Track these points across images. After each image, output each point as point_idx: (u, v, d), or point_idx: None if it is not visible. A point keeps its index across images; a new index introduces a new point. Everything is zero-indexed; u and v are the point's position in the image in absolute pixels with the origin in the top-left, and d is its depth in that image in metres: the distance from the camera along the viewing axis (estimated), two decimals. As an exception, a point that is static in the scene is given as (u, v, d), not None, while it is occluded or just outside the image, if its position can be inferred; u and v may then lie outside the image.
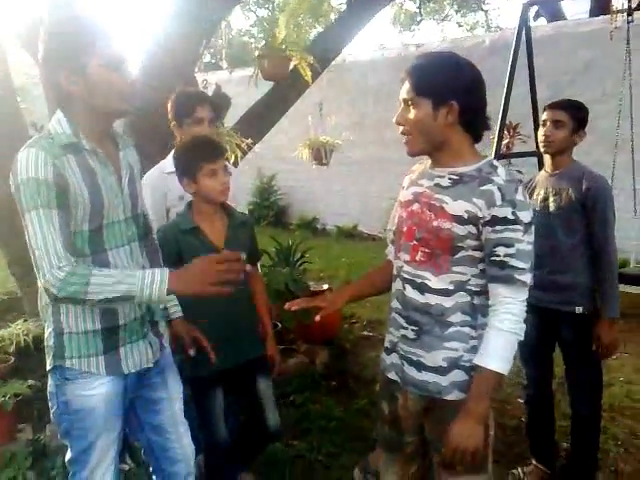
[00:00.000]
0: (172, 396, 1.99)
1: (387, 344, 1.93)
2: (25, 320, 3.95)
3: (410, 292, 1.79)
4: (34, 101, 5.20)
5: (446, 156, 1.74)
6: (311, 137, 5.03)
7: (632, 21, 4.73)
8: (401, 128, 1.74)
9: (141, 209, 1.91)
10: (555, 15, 10.09)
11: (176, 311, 2.14)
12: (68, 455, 1.86)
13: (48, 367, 1.80)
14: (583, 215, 2.59)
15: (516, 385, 3.39)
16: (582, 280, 2.64)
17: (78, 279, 1.55)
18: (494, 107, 3.83)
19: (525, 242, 1.63)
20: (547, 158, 2.75)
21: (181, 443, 2.02)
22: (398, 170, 3.29)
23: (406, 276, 1.80)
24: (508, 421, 3.46)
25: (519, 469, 2.96)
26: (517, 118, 5.36)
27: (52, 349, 1.77)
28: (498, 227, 1.62)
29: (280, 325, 4.05)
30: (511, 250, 1.62)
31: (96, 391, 1.76)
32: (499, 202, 1.62)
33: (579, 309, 2.63)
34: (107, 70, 1.62)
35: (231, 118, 4.07)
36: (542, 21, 10.80)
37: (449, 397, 1.75)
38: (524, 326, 1.68)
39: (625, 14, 4.85)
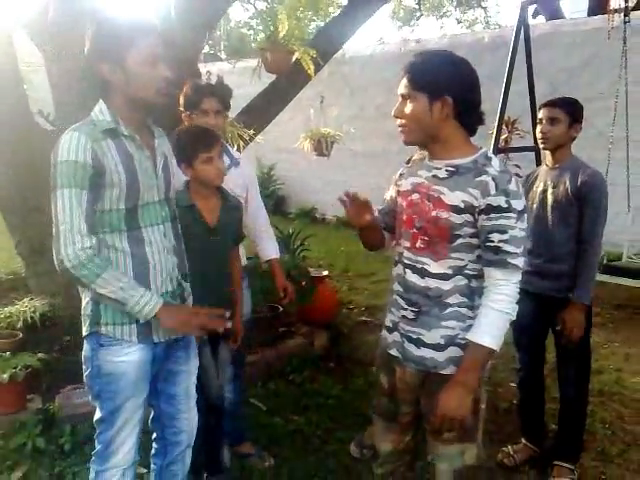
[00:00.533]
0: (190, 370, 2.13)
1: (389, 323, 2.03)
2: (31, 298, 4.04)
3: (410, 276, 1.89)
4: (36, 89, 5.27)
5: (442, 148, 1.84)
6: (312, 129, 5.10)
7: (629, 21, 4.84)
8: (398, 121, 1.85)
9: (172, 193, 2.05)
10: (554, 13, 10.17)
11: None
12: (97, 415, 1.96)
13: (84, 333, 1.90)
14: (578, 208, 2.70)
15: (509, 370, 3.53)
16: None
17: (93, 267, 1.71)
18: (493, 102, 3.95)
19: (518, 229, 1.73)
20: (547, 153, 2.87)
21: (189, 415, 2.15)
22: (397, 161, 3.39)
23: (407, 261, 1.91)
24: (501, 403, 3.58)
25: (509, 447, 3.08)
26: (515, 113, 5.45)
27: (89, 317, 1.88)
28: (492, 215, 1.72)
29: (281, 308, 4.14)
30: (505, 236, 1.72)
31: (127, 358, 1.87)
32: (493, 192, 1.71)
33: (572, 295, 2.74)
34: (143, 64, 1.77)
35: (232, 109, 4.14)
36: (541, 19, 10.90)
37: (445, 371, 1.85)
38: (516, 307, 1.78)
39: (622, 14, 4.96)
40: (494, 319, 1.76)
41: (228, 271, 2.58)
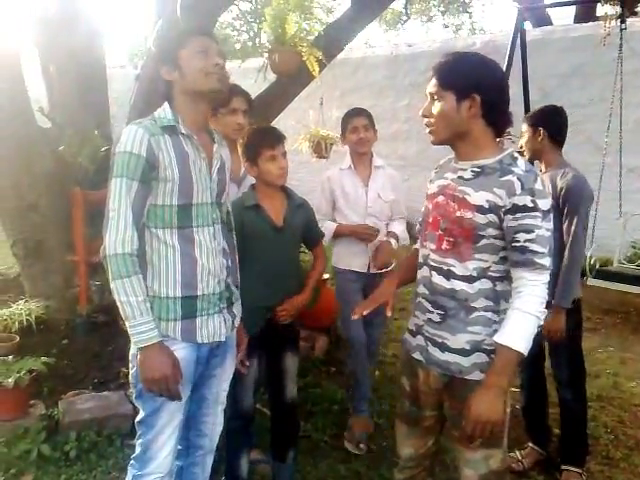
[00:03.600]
0: (223, 376, 2.12)
1: (412, 327, 2.02)
2: (26, 300, 3.96)
3: (436, 278, 1.89)
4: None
5: (468, 148, 1.84)
6: (312, 130, 5.07)
7: (625, 28, 4.90)
8: (426, 120, 1.86)
9: (226, 199, 2.09)
10: (541, 20, 10.27)
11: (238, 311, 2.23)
12: (138, 417, 1.95)
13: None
14: (559, 212, 2.74)
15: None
16: None
17: (123, 267, 1.75)
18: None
19: (544, 228, 1.73)
20: (536, 163, 2.93)
21: (215, 420, 2.14)
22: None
23: (433, 264, 1.90)
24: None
25: (517, 452, 3.09)
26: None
27: None
28: (518, 215, 1.71)
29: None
30: (531, 236, 1.71)
31: None
32: (519, 191, 1.71)
33: None
34: (194, 57, 1.86)
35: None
36: (527, 26, 10.97)
37: (470, 377, 1.84)
38: (545, 310, 1.78)
39: (618, 20, 5.02)
40: (524, 322, 1.75)
41: (297, 272, 2.61)
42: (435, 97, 1.82)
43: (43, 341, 3.81)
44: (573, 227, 2.71)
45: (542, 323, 1.80)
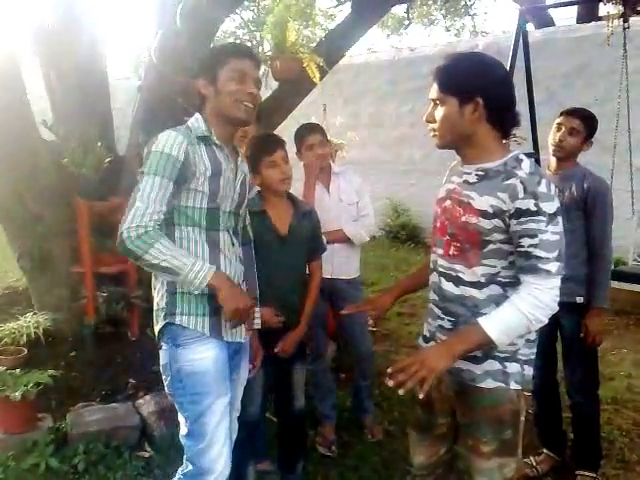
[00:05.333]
0: (239, 381, 2.12)
1: (425, 333, 2.00)
2: (34, 313, 3.95)
3: (445, 285, 1.86)
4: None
5: (473, 151, 1.81)
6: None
7: (628, 27, 4.87)
8: (430, 125, 1.82)
9: (244, 212, 2.17)
10: (543, 21, 10.25)
11: (256, 323, 2.23)
12: (183, 430, 1.93)
13: (158, 328, 1.93)
14: (583, 211, 2.73)
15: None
16: (581, 272, 2.75)
17: (148, 238, 1.76)
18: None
19: (549, 232, 1.66)
20: (553, 160, 2.88)
21: (230, 426, 2.06)
22: (390, 170, 3.40)
23: (441, 269, 1.88)
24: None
25: (531, 458, 3.04)
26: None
27: (164, 309, 1.91)
28: (522, 219, 1.66)
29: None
30: (535, 240, 1.65)
31: (205, 354, 1.90)
32: (522, 195, 1.65)
33: (580, 299, 2.75)
34: (231, 80, 1.92)
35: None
36: (529, 27, 10.95)
37: (482, 385, 1.81)
38: (542, 319, 1.67)
39: (621, 20, 4.99)
40: (510, 315, 1.67)
41: (301, 283, 2.59)
42: (437, 102, 1.79)
43: (51, 353, 3.80)
44: (605, 225, 2.72)
45: (533, 330, 1.72)
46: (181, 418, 1.93)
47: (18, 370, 3.08)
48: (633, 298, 5.46)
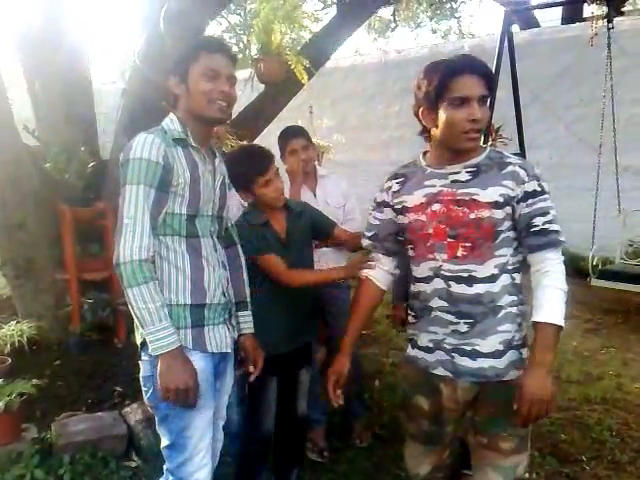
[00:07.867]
0: (223, 389, 2.05)
1: (427, 343, 1.92)
2: (18, 321, 3.89)
3: (457, 287, 1.82)
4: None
5: (464, 151, 1.80)
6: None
7: (612, 27, 4.88)
8: (476, 126, 1.75)
9: (226, 214, 2.08)
10: (528, 22, 10.29)
11: (250, 327, 2.17)
12: (164, 442, 1.87)
13: (140, 340, 1.83)
14: None
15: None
16: None
17: (140, 273, 1.69)
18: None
19: (553, 208, 1.78)
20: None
21: (216, 436, 2.04)
22: (379, 172, 3.38)
23: (448, 274, 1.83)
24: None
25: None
26: (499, 121, 5.46)
27: None
28: (530, 200, 1.76)
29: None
30: (548, 217, 1.76)
31: None
32: (527, 178, 1.76)
33: None
34: (202, 77, 1.82)
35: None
36: (514, 28, 11.00)
37: (507, 378, 1.81)
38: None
39: (605, 21, 5.01)
40: (557, 297, 1.74)
41: (314, 292, 2.57)
42: (484, 99, 1.76)
43: (36, 362, 3.75)
44: None
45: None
46: (162, 430, 1.87)
47: (2, 380, 3.02)
48: (619, 297, 5.48)
